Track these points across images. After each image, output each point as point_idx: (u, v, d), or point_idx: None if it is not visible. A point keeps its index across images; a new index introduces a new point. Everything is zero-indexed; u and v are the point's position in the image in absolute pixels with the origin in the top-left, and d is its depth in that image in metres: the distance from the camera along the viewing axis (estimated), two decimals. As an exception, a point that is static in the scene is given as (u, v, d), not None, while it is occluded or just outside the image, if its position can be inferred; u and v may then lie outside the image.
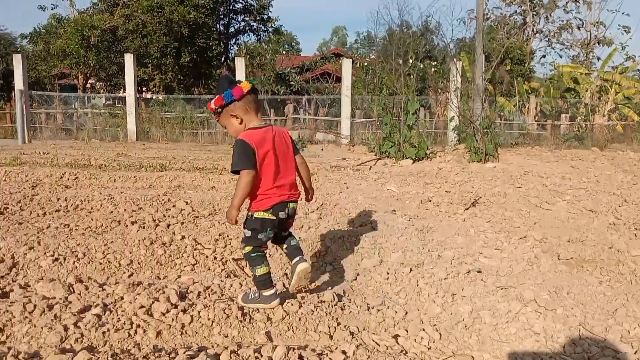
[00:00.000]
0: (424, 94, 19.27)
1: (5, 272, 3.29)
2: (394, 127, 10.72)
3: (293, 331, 2.57)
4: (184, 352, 2.14)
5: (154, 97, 22.84)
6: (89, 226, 4.13)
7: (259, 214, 2.69)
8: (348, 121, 15.34)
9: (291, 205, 2.78)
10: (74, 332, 2.37)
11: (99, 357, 1.96)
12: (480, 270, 3.32)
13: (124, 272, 3.36)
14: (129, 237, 3.75)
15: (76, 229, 4.04)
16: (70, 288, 2.88)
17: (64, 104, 18.74)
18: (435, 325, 2.66)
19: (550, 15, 31.04)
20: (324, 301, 2.86)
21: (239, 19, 27.86)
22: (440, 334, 2.57)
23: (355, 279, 3.41)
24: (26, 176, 6.82)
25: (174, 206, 5.14)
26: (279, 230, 2.85)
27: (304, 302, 2.79)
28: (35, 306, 2.56)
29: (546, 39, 31.52)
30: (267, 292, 2.71)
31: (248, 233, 2.73)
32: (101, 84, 27.13)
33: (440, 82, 19.19)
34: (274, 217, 2.70)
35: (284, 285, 3.16)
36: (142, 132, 16.35)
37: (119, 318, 2.52)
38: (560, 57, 35.35)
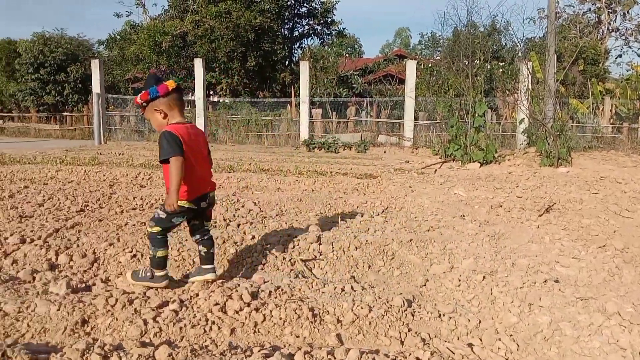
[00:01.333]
0: (490, 95, 18.71)
1: (88, 266, 3.48)
2: (460, 130, 10.48)
3: (363, 335, 2.56)
4: (259, 351, 2.17)
5: (221, 101, 23.50)
6: (164, 224, 4.29)
7: (181, 202, 2.84)
8: (411, 123, 15.15)
9: (211, 194, 3.04)
10: (153, 327, 2.47)
11: (178, 352, 2.03)
12: (558, 280, 3.18)
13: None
14: (202, 236, 3.86)
15: (152, 227, 4.20)
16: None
17: (137, 106, 19.64)
18: (511, 335, 2.57)
19: (627, 12, 29.36)
20: (394, 306, 2.83)
21: (303, 23, 28.17)
22: (518, 345, 2.47)
23: (425, 285, 3.35)
24: (104, 175, 7.19)
25: (242, 206, 5.26)
26: (200, 218, 3.08)
27: (373, 307, 2.77)
28: (116, 300, 2.68)
29: (623, 37, 29.85)
30: (160, 273, 2.95)
31: (163, 215, 2.89)
32: (171, 87, 28.17)
33: (508, 83, 18.58)
34: (195, 207, 2.93)
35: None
36: (210, 134, 16.85)
37: (194, 314, 2.59)
38: (639, 56, 33.32)
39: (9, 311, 2.57)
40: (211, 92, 24.67)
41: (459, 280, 3.25)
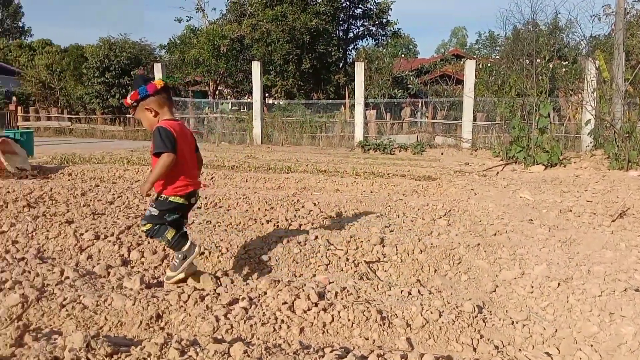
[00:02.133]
0: (552, 96, 18.01)
1: (158, 262, 3.59)
2: (523, 131, 10.14)
3: (434, 340, 2.50)
4: (331, 351, 2.17)
5: (276, 103, 23.81)
6: (229, 223, 4.37)
7: (174, 198, 2.91)
8: (470, 124, 14.79)
9: (198, 193, 3.10)
10: (225, 323, 2.51)
11: (253, 350, 2.05)
12: (639, 289, 3.00)
13: (263, 268, 3.51)
14: (266, 235, 3.91)
15: (218, 225, 4.30)
16: (218, 281, 3.06)
17: (196, 108, 20.18)
18: (592, 345, 2.44)
19: None
20: (464, 311, 2.75)
21: (358, 24, 28.12)
22: (601, 356, 2.34)
23: (495, 291, 3.24)
24: (168, 175, 7.42)
25: (302, 207, 5.29)
26: (186, 216, 3.14)
27: (443, 311, 2.71)
28: (189, 296, 2.74)
29: (697, 34, 27.98)
30: (186, 246, 2.96)
31: (155, 212, 2.94)
32: (228, 90, 28.84)
33: (571, 83, 17.83)
34: (187, 203, 2.99)
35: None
36: (265, 135, 17.10)
37: (264, 312, 2.62)
38: None
39: (87, 304, 2.68)
40: (266, 95, 25.03)
41: (532, 287, 3.13)
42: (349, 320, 2.57)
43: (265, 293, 2.85)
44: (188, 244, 2.99)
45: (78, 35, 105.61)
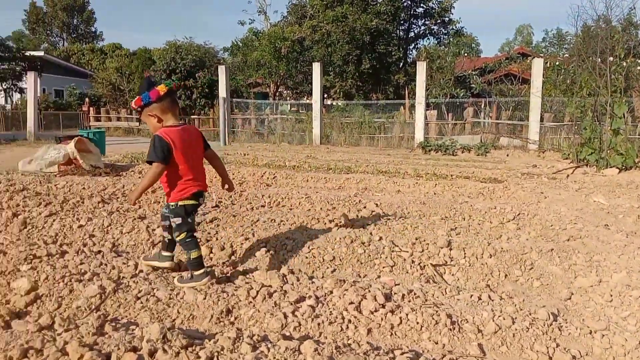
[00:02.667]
0: (626, 95, 17.03)
1: (226, 258, 3.67)
2: (595, 132, 9.65)
3: (507, 347, 2.41)
4: (401, 354, 2.13)
5: (334, 103, 23.88)
6: (293, 222, 4.41)
7: (183, 202, 2.97)
8: (537, 125, 14.23)
9: (205, 193, 3.13)
10: (292, 321, 2.53)
11: (324, 348, 2.05)
12: None
13: (328, 267, 3.51)
14: (330, 235, 3.92)
15: (283, 224, 4.34)
16: (284, 278, 3.09)
17: (257, 110, 20.57)
18: (682, 361, 2.28)
19: None
20: (538, 318, 2.64)
21: (419, 23, 27.76)
22: (692, 373, 2.18)
23: (570, 298, 3.10)
24: (233, 174, 7.58)
25: (364, 207, 5.26)
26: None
27: (516, 318, 2.61)
28: (257, 292, 2.79)
29: None
30: (199, 272, 2.94)
31: (178, 220, 2.99)
32: (288, 91, 29.22)
33: (648, 82, 16.80)
34: (196, 202, 3.04)
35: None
36: (324, 136, 17.18)
37: (330, 311, 2.62)
38: None
39: (161, 297, 2.77)
40: (325, 95, 25.15)
41: (610, 296, 2.96)
42: (417, 323, 2.52)
43: (332, 292, 2.85)
44: (200, 271, 2.95)
45: (146, 39, 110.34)
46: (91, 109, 26.00)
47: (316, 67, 16.69)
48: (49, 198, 5.33)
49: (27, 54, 31.08)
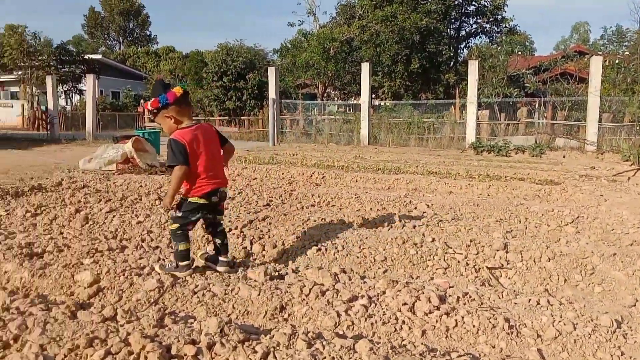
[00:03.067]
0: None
1: (278, 256, 3.71)
2: (660, 133, 9.16)
3: (568, 353, 2.33)
4: (458, 357, 2.10)
5: (382, 104, 23.73)
6: (344, 222, 4.41)
7: (193, 199, 3.04)
8: (595, 125, 13.65)
9: (222, 190, 3.15)
10: (346, 319, 2.53)
11: (379, 348, 2.04)
12: None
13: (379, 268, 3.49)
14: (381, 235, 3.89)
15: (333, 223, 4.35)
16: (336, 277, 3.09)
17: (305, 110, 20.72)
18: None
19: None
20: (601, 325, 2.53)
21: (471, 22, 27.20)
22: None
23: (634, 305, 2.95)
24: (282, 174, 7.67)
25: (415, 208, 5.20)
26: (213, 213, 3.19)
27: (577, 324, 2.51)
28: (310, 290, 2.80)
29: None
30: (183, 263, 3.05)
31: (179, 213, 3.05)
32: (336, 92, 29.27)
33: None
34: (207, 202, 3.07)
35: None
36: (372, 136, 17.10)
37: (384, 312, 2.60)
38: None
39: (216, 292, 2.83)
40: (373, 95, 25.03)
41: (681, 304, 2.80)
42: (473, 326, 2.47)
43: (384, 293, 2.83)
44: (184, 263, 3.06)
45: (198, 42, 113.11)
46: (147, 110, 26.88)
47: (365, 67, 16.63)
48: (109, 195, 5.55)
49: (86, 57, 32.52)
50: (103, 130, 23.76)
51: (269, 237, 3.92)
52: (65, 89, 31.47)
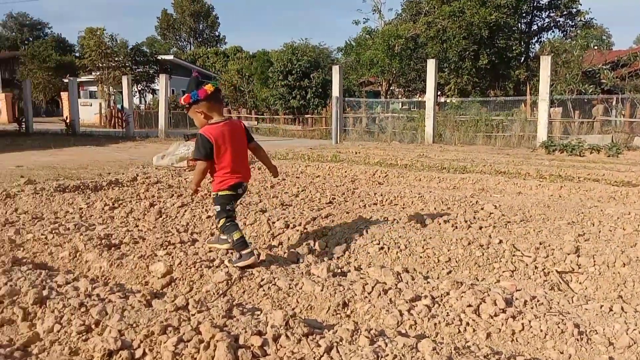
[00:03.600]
0: None
1: (340, 253, 3.75)
2: None
3: (644, 364, 2.22)
4: (524, 361, 2.05)
5: (448, 101, 23.24)
6: (406, 221, 4.39)
7: (222, 192, 3.26)
8: (680, 124, 12.76)
9: (245, 184, 3.39)
10: (408, 319, 2.53)
11: (442, 348, 2.03)
12: None
13: (443, 269, 3.46)
14: (445, 235, 3.85)
15: (396, 222, 4.34)
16: (399, 276, 3.10)
17: (368, 108, 20.66)
18: None
19: None
20: (682, 336, 2.39)
21: (543, 16, 26.08)
22: None
23: None
24: (345, 172, 7.72)
25: (482, 209, 5.09)
26: (235, 202, 3.43)
27: (655, 333, 2.39)
28: (372, 288, 2.82)
29: None
30: (245, 251, 3.16)
31: (218, 208, 3.29)
32: (400, 89, 28.97)
33: None
34: (234, 193, 3.28)
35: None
36: (437, 134, 16.81)
37: (447, 313, 2.58)
38: None
39: (281, 286, 2.91)
40: (438, 93, 24.56)
41: None
42: (540, 330, 2.41)
43: (448, 293, 2.80)
44: (246, 251, 3.17)
45: (265, 42, 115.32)
46: (214, 108, 27.75)
47: (430, 64, 16.38)
48: (180, 190, 5.81)
49: (159, 58, 33.98)
50: (174, 128, 24.75)
51: (332, 234, 3.97)
52: (139, 89, 33.03)
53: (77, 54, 42.54)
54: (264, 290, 2.88)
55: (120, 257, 3.37)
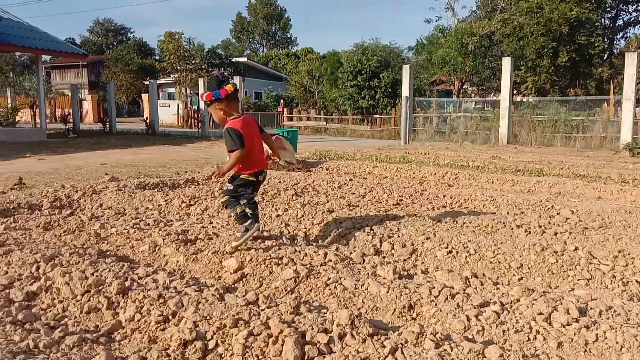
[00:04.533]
0: None
1: (407, 256, 3.74)
2: None
3: None
4: (597, 373, 1.98)
5: (525, 100, 22.36)
6: (477, 225, 4.31)
7: (244, 176, 3.60)
8: None
9: (265, 171, 3.75)
10: (475, 324, 2.50)
11: (510, 355, 2.00)
12: None
13: (514, 275, 3.37)
14: (517, 241, 3.74)
15: (465, 226, 4.27)
16: (467, 281, 3.05)
17: (439, 108, 20.26)
18: None
19: None
20: None
21: (629, 10, 24.51)
22: None
23: None
24: (413, 173, 7.65)
25: (557, 214, 4.90)
26: (255, 190, 3.79)
27: None
28: (439, 292, 2.81)
29: None
30: (247, 222, 3.51)
31: (230, 187, 3.65)
32: (473, 88, 28.19)
33: None
34: (254, 179, 3.65)
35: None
36: (512, 135, 16.24)
37: (517, 320, 2.52)
38: None
39: (347, 286, 2.96)
40: (514, 92, 23.67)
41: None
42: (616, 342, 2.30)
43: (518, 300, 2.73)
44: (249, 221, 3.52)
45: (336, 42, 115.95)
46: (285, 109, 28.30)
47: (506, 62, 15.85)
48: (251, 189, 5.99)
49: (233, 60, 35.04)
50: (246, 128, 25.39)
51: (398, 236, 3.97)
52: (214, 90, 34.16)
53: (157, 57, 44.80)
54: (330, 289, 2.94)
55: (196, 252, 3.55)
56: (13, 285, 2.91)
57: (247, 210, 3.66)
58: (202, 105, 21.30)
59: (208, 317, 2.41)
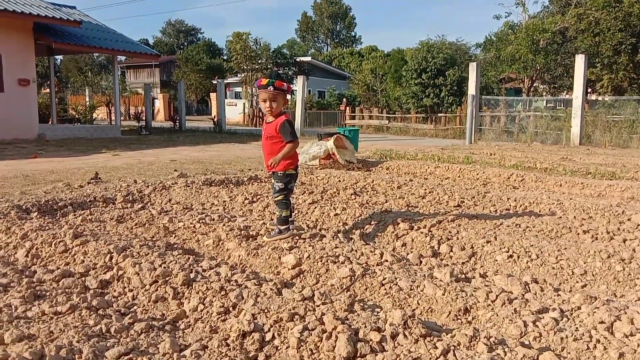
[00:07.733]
0: None
1: (465, 259, 3.71)
2: None
3: None
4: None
5: (600, 99, 21.23)
6: (541, 229, 4.19)
7: (289, 171, 3.84)
8: None
9: (298, 165, 3.97)
10: (533, 330, 2.45)
11: (565, 363, 1.97)
12: None
13: (577, 282, 3.26)
14: (583, 247, 3.62)
15: (529, 230, 4.17)
16: (526, 287, 2.99)
17: (507, 106, 19.63)
18: None
19: None
20: None
21: None
22: None
23: None
24: (477, 174, 7.49)
25: (628, 219, 4.67)
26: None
27: None
28: (497, 296, 2.77)
29: None
30: (284, 227, 3.81)
31: (282, 185, 3.84)
32: (544, 86, 27.07)
33: None
34: (295, 173, 3.93)
35: None
36: (585, 135, 15.49)
37: (576, 328, 2.46)
38: None
39: (402, 287, 2.98)
40: (588, 90, 22.52)
41: None
42: (685, 357, 2.19)
43: (579, 308, 2.66)
44: (284, 227, 3.80)
45: (400, 40, 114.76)
46: (347, 108, 28.38)
47: (579, 59, 15.14)
48: (312, 188, 6.11)
49: (298, 59, 35.49)
50: (309, 127, 25.71)
51: (457, 238, 3.93)
52: (279, 89, 34.78)
53: (224, 57, 46.12)
54: (385, 289, 2.98)
55: (257, 247, 3.68)
56: (89, 274, 3.15)
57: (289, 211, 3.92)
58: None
59: (266, 310, 2.51)
